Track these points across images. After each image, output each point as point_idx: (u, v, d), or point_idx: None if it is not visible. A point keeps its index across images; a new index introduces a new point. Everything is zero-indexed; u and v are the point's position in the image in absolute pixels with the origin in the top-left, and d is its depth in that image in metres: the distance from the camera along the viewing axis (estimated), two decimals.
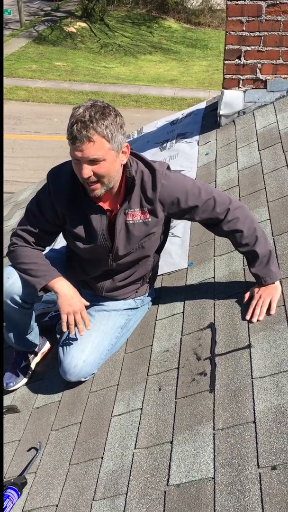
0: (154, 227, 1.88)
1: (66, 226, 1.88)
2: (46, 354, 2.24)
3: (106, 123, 1.59)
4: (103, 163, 1.63)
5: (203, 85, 18.13)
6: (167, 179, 1.80)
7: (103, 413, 1.80)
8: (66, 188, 1.80)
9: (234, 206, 1.87)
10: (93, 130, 1.57)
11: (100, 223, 1.81)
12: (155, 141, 3.87)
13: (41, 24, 23.94)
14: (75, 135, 1.57)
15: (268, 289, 1.83)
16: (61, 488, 1.61)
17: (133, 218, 1.82)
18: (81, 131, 1.56)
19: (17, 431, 1.93)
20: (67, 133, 1.61)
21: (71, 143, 1.61)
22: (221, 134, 3.32)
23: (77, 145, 1.59)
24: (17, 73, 18.50)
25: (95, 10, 23.84)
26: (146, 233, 1.87)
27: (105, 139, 1.60)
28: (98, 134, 1.58)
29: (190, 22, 24.98)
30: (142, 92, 17.21)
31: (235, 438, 1.43)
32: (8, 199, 4.90)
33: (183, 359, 1.82)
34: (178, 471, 1.43)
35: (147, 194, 1.80)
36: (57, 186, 1.81)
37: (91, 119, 1.57)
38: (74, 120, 1.58)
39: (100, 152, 1.61)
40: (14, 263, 1.91)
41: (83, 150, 1.59)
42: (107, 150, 1.62)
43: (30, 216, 1.89)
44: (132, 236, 1.85)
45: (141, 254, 1.93)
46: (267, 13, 3.03)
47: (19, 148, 12.97)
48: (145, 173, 1.80)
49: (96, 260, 1.94)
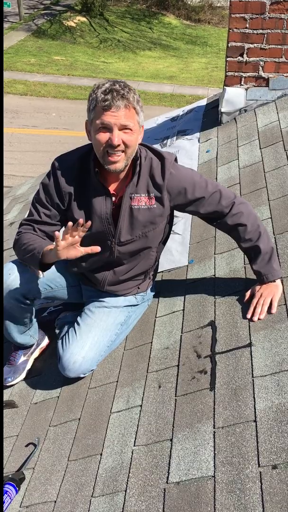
0: (159, 217, 1.88)
1: (68, 212, 1.87)
2: (45, 350, 2.23)
3: (135, 97, 1.70)
4: (131, 133, 1.70)
5: (202, 82, 18.09)
6: (175, 168, 1.84)
7: (102, 410, 1.79)
8: (73, 171, 1.83)
9: (238, 201, 1.89)
10: (127, 100, 1.66)
11: (104, 206, 1.83)
12: (155, 137, 3.85)
13: (40, 17, 23.79)
14: (111, 101, 1.63)
15: (269, 287, 1.83)
16: (59, 484, 1.61)
17: (138, 203, 1.84)
18: (118, 98, 1.63)
19: (15, 426, 1.92)
20: (97, 101, 1.65)
21: (103, 110, 1.65)
22: (222, 132, 3.30)
23: (112, 111, 1.64)
24: (15, 66, 18.38)
25: (95, 4, 23.70)
26: (150, 220, 1.87)
27: (135, 110, 1.70)
28: (132, 104, 1.68)
29: (190, 18, 24.90)
30: (141, 88, 17.15)
31: (236, 436, 1.42)
32: (6, 193, 4.88)
33: (183, 356, 1.81)
34: (178, 468, 1.43)
35: (155, 180, 1.82)
36: (63, 170, 1.84)
37: (124, 90, 1.66)
38: (106, 89, 1.65)
39: (132, 121, 1.69)
40: (18, 251, 1.87)
41: (118, 116, 1.65)
42: (136, 121, 1.72)
43: (36, 203, 1.89)
44: (136, 221, 1.85)
45: (144, 244, 1.93)
46: (271, 10, 3.02)
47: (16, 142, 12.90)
48: (154, 160, 1.83)
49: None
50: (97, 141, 1.71)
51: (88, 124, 1.76)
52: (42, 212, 1.87)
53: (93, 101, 1.68)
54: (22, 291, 1.87)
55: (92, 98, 1.68)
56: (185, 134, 3.55)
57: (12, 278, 1.86)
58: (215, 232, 2.38)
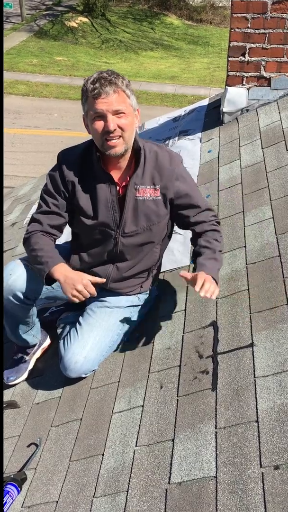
0: (163, 209, 1.90)
1: (74, 201, 1.90)
2: (47, 350, 2.23)
3: (124, 82, 1.74)
4: (125, 116, 1.74)
5: (204, 82, 18.08)
6: (183, 169, 1.90)
7: (103, 410, 1.79)
8: (76, 162, 1.87)
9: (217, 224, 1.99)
10: (115, 85, 1.70)
11: (109, 193, 1.85)
12: (157, 137, 3.85)
13: (42, 18, 23.81)
14: (99, 89, 1.67)
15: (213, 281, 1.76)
16: (61, 484, 1.61)
17: (143, 195, 1.86)
18: (105, 85, 1.68)
19: (17, 426, 1.92)
20: (88, 92, 1.70)
21: (93, 99, 1.69)
22: (224, 132, 3.30)
23: (102, 98, 1.68)
24: (17, 67, 18.40)
25: (97, 5, 23.71)
26: (155, 212, 1.89)
27: (126, 94, 1.73)
28: (120, 88, 1.71)
29: (191, 19, 24.89)
30: (143, 88, 17.15)
31: (238, 437, 1.42)
32: (8, 194, 4.88)
33: (185, 357, 1.81)
34: (180, 469, 1.43)
35: (163, 173, 1.85)
36: (68, 160, 1.88)
37: (111, 76, 1.70)
38: (94, 79, 1.69)
39: (124, 104, 1.72)
40: (28, 251, 1.92)
41: (109, 102, 1.69)
42: (128, 104, 1.75)
43: (44, 194, 1.93)
44: (141, 212, 1.88)
45: (148, 238, 1.94)
46: (273, 10, 3.01)
47: (18, 142, 12.92)
48: (160, 154, 1.87)
49: (102, 240, 1.93)
50: (94, 130, 1.75)
51: (85, 118, 1.79)
52: (50, 202, 1.90)
53: (84, 93, 1.73)
54: (23, 291, 1.88)
55: (83, 91, 1.73)
56: (187, 134, 3.55)
57: (13, 278, 1.86)
58: None
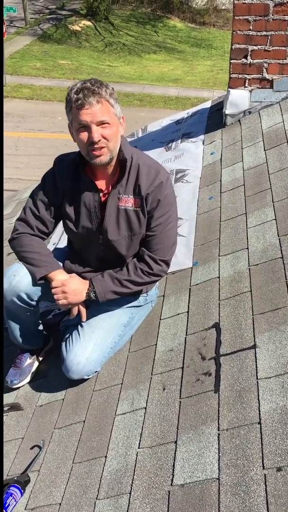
0: (143, 220, 1.90)
1: (62, 208, 1.94)
2: (50, 352, 2.23)
3: (108, 91, 1.73)
4: (110, 126, 1.74)
5: (207, 84, 18.10)
6: (166, 185, 1.88)
7: (106, 412, 1.79)
8: (69, 168, 1.90)
9: (164, 268, 1.97)
10: (98, 95, 1.70)
11: (92, 200, 1.89)
12: (160, 140, 3.86)
13: (46, 22, 23.92)
14: (83, 100, 1.68)
15: (79, 285, 1.91)
16: (64, 486, 1.61)
17: (125, 204, 1.88)
18: (89, 95, 1.68)
19: (20, 428, 1.93)
20: (71, 102, 1.71)
21: (77, 110, 1.70)
22: (226, 134, 3.30)
23: (86, 109, 1.69)
24: (21, 71, 18.48)
25: (100, 8, 23.80)
26: (137, 222, 1.90)
27: (109, 103, 1.73)
28: (104, 98, 1.71)
29: (195, 21, 24.94)
30: (146, 91, 17.18)
31: (240, 439, 1.42)
32: (12, 197, 4.90)
33: (187, 358, 1.81)
34: (183, 471, 1.43)
35: (143, 185, 1.85)
36: (61, 167, 1.93)
37: (95, 86, 1.70)
38: (78, 89, 1.70)
39: (108, 115, 1.73)
40: (17, 250, 1.96)
41: (92, 113, 1.70)
42: (112, 114, 1.75)
43: (35, 197, 1.96)
44: (123, 221, 1.90)
45: (133, 247, 1.96)
46: (274, 12, 3.02)
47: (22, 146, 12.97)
48: (143, 166, 1.86)
49: (91, 246, 1.97)
50: (79, 141, 1.77)
51: (70, 126, 1.81)
52: (40, 207, 1.93)
53: (68, 103, 1.74)
54: (27, 291, 1.89)
55: (67, 101, 1.74)
56: (190, 137, 3.55)
57: (17, 280, 1.87)
58: (219, 234, 2.38)
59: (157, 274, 1.96)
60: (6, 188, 10.36)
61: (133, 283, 1.93)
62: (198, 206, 2.73)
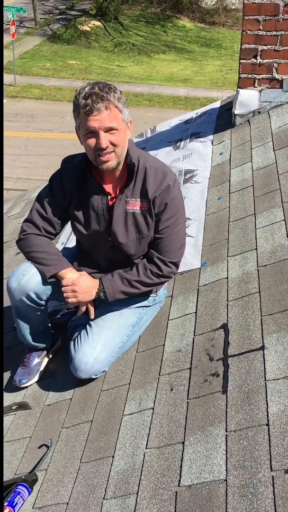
0: (151, 223, 1.90)
1: (69, 209, 1.94)
2: (58, 352, 2.24)
3: (116, 96, 1.72)
4: (118, 132, 1.74)
5: (217, 85, 18.07)
6: (173, 187, 1.88)
7: (114, 412, 1.80)
8: (76, 170, 1.90)
9: (173, 269, 1.97)
10: (107, 100, 1.69)
11: (101, 203, 1.89)
12: (168, 140, 3.85)
13: (55, 22, 24.03)
14: (91, 106, 1.66)
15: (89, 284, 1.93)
16: (71, 486, 1.61)
17: (133, 207, 1.89)
18: (97, 102, 1.67)
19: (28, 428, 1.94)
20: (80, 108, 1.70)
21: (85, 115, 1.69)
22: (235, 134, 3.29)
23: (94, 115, 1.68)
24: (31, 71, 18.58)
25: (110, 9, 23.86)
26: (145, 225, 1.90)
27: (118, 109, 1.73)
28: (112, 104, 1.70)
29: (204, 21, 24.91)
30: (155, 91, 17.19)
31: (248, 440, 1.41)
32: (21, 197, 4.92)
33: (195, 359, 1.80)
34: (190, 472, 1.42)
35: (150, 188, 1.85)
36: (68, 169, 1.92)
37: (103, 91, 1.69)
38: (86, 94, 1.68)
39: (116, 121, 1.72)
40: (25, 251, 1.97)
41: (101, 119, 1.69)
42: (120, 120, 1.75)
43: (42, 198, 1.96)
44: (131, 224, 1.90)
45: (142, 250, 1.97)
46: (284, 12, 3.00)
47: (32, 146, 13.03)
48: (150, 169, 1.86)
49: (100, 247, 1.98)
50: (87, 147, 1.77)
51: (77, 130, 1.80)
52: (46, 207, 1.94)
53: (76, 107, 1.73)
54: (35, 291, 1.90)
55: (75, 105, 1.73)
56: (199, 137, 3.54)
57: (26, 279, 1.88)
58: (228, 234, 2.37)
59: (167, 275, 1.97)
60: (16, 188, 10.41)
61: (142, 284, 1.94)
62: (206, 207, 2.73)
